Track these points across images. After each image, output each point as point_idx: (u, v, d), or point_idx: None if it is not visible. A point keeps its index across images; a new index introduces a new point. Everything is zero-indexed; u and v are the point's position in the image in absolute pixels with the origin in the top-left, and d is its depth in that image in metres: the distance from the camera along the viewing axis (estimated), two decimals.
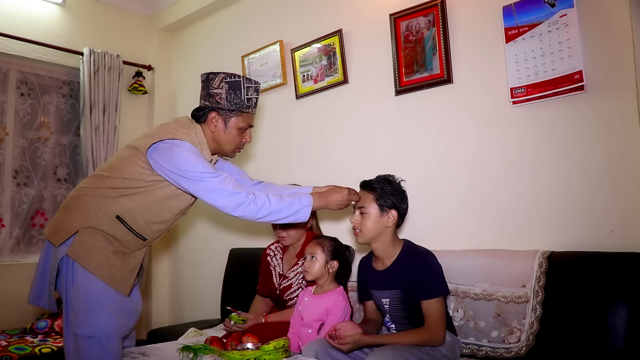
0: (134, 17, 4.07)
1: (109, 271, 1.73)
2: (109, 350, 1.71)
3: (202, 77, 1.90)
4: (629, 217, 1.91)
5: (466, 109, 2.37)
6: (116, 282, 1.75)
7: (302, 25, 3.09)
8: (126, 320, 1.78)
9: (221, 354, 1.75)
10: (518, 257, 2.02)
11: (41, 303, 1.81)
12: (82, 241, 1.72)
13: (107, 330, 1.71)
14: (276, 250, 2.43)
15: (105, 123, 3.63)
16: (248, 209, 1.73)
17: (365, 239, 1.91)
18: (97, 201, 1.75)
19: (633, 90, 1.89)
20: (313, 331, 2.00)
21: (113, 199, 1.75)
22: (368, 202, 1.89)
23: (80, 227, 1.73)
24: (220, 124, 1.85)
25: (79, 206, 1.76)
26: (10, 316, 3.21)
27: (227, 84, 1.83)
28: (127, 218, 1.77)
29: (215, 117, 1.85)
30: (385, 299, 1.92)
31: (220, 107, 1.84)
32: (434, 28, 2.44)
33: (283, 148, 3.21)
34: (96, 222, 1.74)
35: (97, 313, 1.70)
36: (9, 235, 3.43)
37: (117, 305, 1.75)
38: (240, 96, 1.84)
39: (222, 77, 1.84)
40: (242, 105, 1.84)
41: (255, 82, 1.89)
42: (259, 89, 1.91)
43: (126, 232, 1.78)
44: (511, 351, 1.90)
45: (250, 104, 1.87)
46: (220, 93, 1.83)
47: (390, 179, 1.93)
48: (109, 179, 1.76)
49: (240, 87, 1.84)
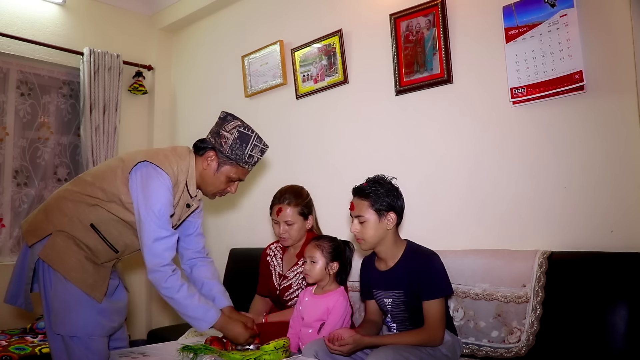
0: (134, 17, 4.07)
1: (81, 275, 1.72)
2: (93, 349, 1.71)
3: (221, 114, 1.87)
4: (629, 217, 1.91)
5: (466, 109, 2.37)
6: (88, 287, 1.73)
7: (302, 25, 3.09)
8: (107, 320, 1.77)
9: (221, 354, 1.75)
10: (518, 257, 2.02)
11: (17, 302, 1.81)
12: (55, 243, 1.71)
13: (88, 330, 1.71)
14: (276, 250, 2.43)
15: (105, 123, 3.63)
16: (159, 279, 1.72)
17: (369, 245, 1.90)
18: (74, 206, 1.74)
19: (633, 90, 1.89)
20: (313, 331, 1.99)
21: (89, 207, 1.74)
22: (364, 210, 1.86)
23: (54, 229, 1.73)
24: (214, 165, 1.83)
25: (57, 209, 1.76)
26: (11, 316, 3.21)
27: (238, 132, 1.81)
28: (101, 227, 1.76)
29: (212, 157, 1.82)
30: (387, 299, 1.91)
31: (222, 150, 1.81)
32: (434, 28, 2.44)
33: (283, 148, 3.21)
34: (70, 228, 1.73)
35: (76, 313, 1.70)
36: (9, 235, 3.43)
37: (94, 306, 1.74)
38: (244, 149, 1.81)
39: (237, 125, 1.82)
40: (241, 159, 1.82)
41: (264, 144, 1.87)
42: (264, 151, 1.89)
43: (99, 242, 1.77)
44: (511, 351, 1.90)
45: (250, 161, 1.85)
46: (227, 138, 1.81)
47: (380, 180, 1.89)
48: (90, 186, 1.76)
49: (249, 142, 1.82)
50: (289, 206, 2.24)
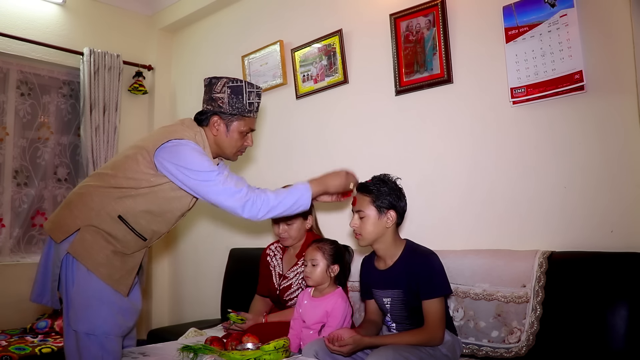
0: (134, 17, 4.07)
1: (109, 270, 1.73)
2: (108, 349, 1.72)
3: (204, 82, 1.91)
4: (629, 217, 1.91)
5: (466, 109, 2.37)
6: (115, 282, 1.75)
7: (302, 25, 3.09)
8: (125, 319, 1.79)
9: (221, 354, 1.75)
10: (518, 257, 2.02)
11: (43, 300, 1.82)
12: (84, 239, 1.72)
13: (106, 328, 1.71)
14: (276, 251, 2.43)
15: (105, 123, 3.63)
16: (252, 208, 1.75)
17: (366, 241, 1.91)
18: (100, 200, 1.75)
19: (633, 90, 1.89)
20: (314, 332, 2.00)
21: (116, 199, 1.75)
22: (365, 205, 1.88)
23: (82, 224, 1.73)
24: (222, 127, 1.87)
25: (82, 204, 1.76)
26: (11, 316, 3.21)
27: (229, 88, 1.85)
28: (129, 218, 1.77)
29: (218, 121, 1.86)
30: (386, 298, 1.92)
31: (223, 111, 1.85)
32: (434, 28, 2.44)
33: (283, 148, 3.21)
34: (98, 221, 1.74)
35: (96, 311, 1.71)
36: (9, 235, 3.43)
37: (116, 304, 1.75)
38: (242, 100, 1.86)
39: (225, 82, 1.86)
40: (243, 110, 1.86)
41: (257, 87, 1.91)
42: (260, 94, 1.93)
43: (127, 232, 1.78)
44: (511, 351, 1.90)
45: (252, 109, 1.89)
46: (222, 97, 1.85)
47: (385, 179, 1.92)
48: (113, 177, 1.77)
49: (243, 92, 1.86)
50: None
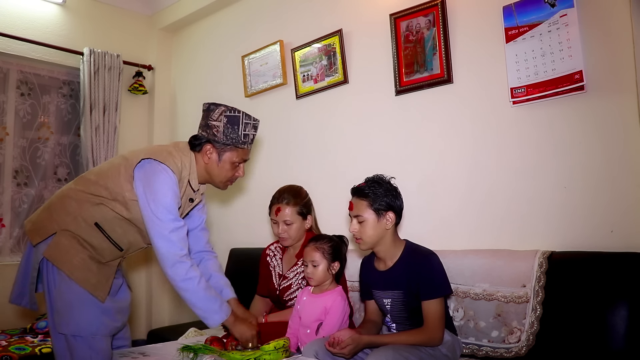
0: (134, 17, 4.07)
1: (85, 274, 1.72)
2: (96, 349, 1.71)
3: (203, 107, 1.89)
4: (629, 217, 1.91)
5: (466, 109, 2.37)
6: (92, 286, 1.73)
7: (302, 25, 3.09)
8: (111, 320, 1.78)
9: (221, 354, 1.75)
10: (518, 257, 2.02)
11: (22, 302, 1.81)
12: (59, 243, 1.72)
13: (92, 329, 1.71)
14: (276, 251, 2.43)
15: (105, 123, 3.63)
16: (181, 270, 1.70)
17: (367, 245, 1.90)
18: (78, 205, 1.75)
19: (633, 90, 1.89)
20: (311, 331, 1.99)
21: (93, 205, 1.74)
22: (363, 209, 1.87)
23: (58, 228, 1.73)
24: (214, 156, 1.84)
25: (60, 208, 1.76)
26: (11, 316, 3.21)
27: (226, 117, 1.82)
28: (105, 226, 1.76)
29: (210, 149, 1.84)
30: (387, 299, 1.91)
31: (217, 140, 1.82)
32: (434, 28, 2.44)
33: (283, 148, 3.21)
34: (74, 227, 1.73)
35: (79, 312, 1.71)
36: (9, 235, 3.43)
37: (99, 305, 1.74)
38: (237, 131, 1.82)
39: (223, 110, 1.83)
40: (237, 141, 1.83)
41: (254, 120, 1.88)
42: (257, 127, 1.90)
43: (103, 240, 1.77)
44: (511, 351, 1.90)
45: (247, 140, 1.86)
46: (218, 126, 1.82)
47: (379, 180, 1.90)
48: (94, 184, 1.76)
49: (239, 123, 1.83)
50: (288, 206, 2.24)
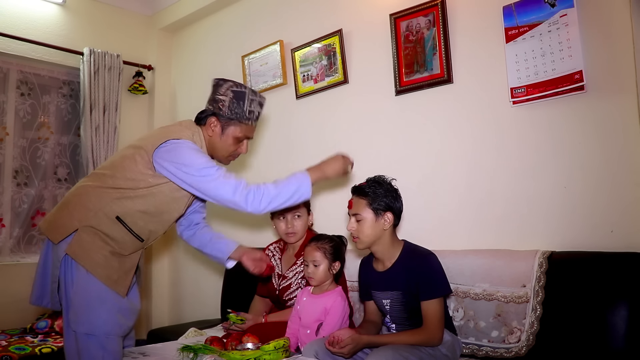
0: (134, 17, 4.07)
1: (107, 271, 1.73)
2: (108, 349, 1.72)
3: (212, 82, 1.92)
4: (629, 217, 1.91)
5: (466, 109, 2.37)
6: (113, 282, 1.74)
7: (302, 25, 3.09)
8: (125, 319, 1.79)
9: (221, 354, 1.75)
10: (518, 257, 2.02)
11: (43, 303, 1.82)
12: (81, 240, 1.72)
13: (107, 329, 1.71)
14: (275, 251, 2.43)
15: (105, 123, 3.63)
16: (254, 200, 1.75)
17: (364, 244, 1.91)
18: (98, 200, 1.75)
19: (633, 90, 1.89)
20: (311, 332, 1.99)
21: (114, 200, 1.75)
22: (362, 208, 1.88)
23: (79, 225, 1.73)
24: (218, 129, 1.88)
25: (79, 204, 1.76)
26: (11, 316, 3.20)
27: (232, 92, 1.86)
28: (127, 219, 1.77)
29: (214, 122, 1.87)
30: (386, 299, 1.92)
31: (221, 113, 1.86)
32: (434, 28, 2.44)
33: (283, 148, 3.21)
34: (96, 222, 1.73)
35: (96, 311, 1.71)
36: (9, 235, 3.43)
37: (116, 304, 1.75)
38: (242, 106, 1.86)
39: (230, 86, 1.87)
40: (242, 116, 1.87)
41: (260, 96, 1.91)
42: (263, 104, 1.93)
43: (125, 233, 1.78)
44: (511, 351, 1.90)
45: (251, 117, 1.89)
46: (224, 100, 1.85)
47: (380, 181, 1.91)
48: (111, 178, 1.77)
49: (245, 98, 1.87)
50: None
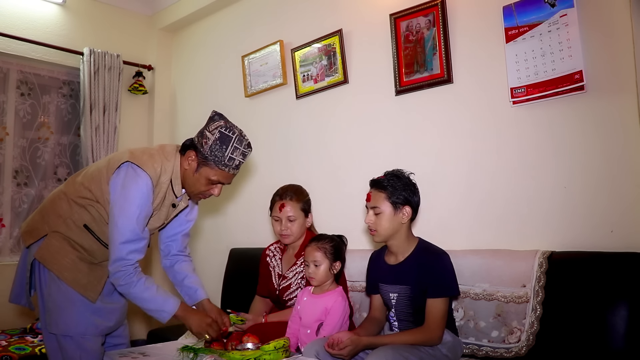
0: (134, 17, 4.07)
1: (74, 275, 1.74)
2: (86, 349, 1.73)
3: (210, 114, 1.82)
4: (629, 217, 1.91)
5: (466, 109, 2.37)
6: (82, 287, 1.75)
7: (302, 25, 3.09)
8: (102, 320, 1.79)
9: (221, 354, 1.75)
10: (518, 257, 2.02)
11: (21, 302, 1.85)
12: (49, 244, 1.75)
13: (81, 329, 1.73)
14: (275, 251, 2.43)
15: (105, 123, 3.63)
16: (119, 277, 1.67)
17: (381, 237, 1.91)
18: (67, 208, 1.77)
19: (633, 90, 1.89)
20: (312, 332, 1.99)
21: (81, 208, 1.76)
22: (380, 201, 1.88)
23: (49, 230, 1.76)
24: (193, 165, 1.76)
25: (52, 211, 1.79)
26: (11, 316, 3.21)
27: (219, 133, 1.73)
28: (94, 227, 1.77)
29: (193, 157, 1.76)
30: (393, 293, 1.91)
31: (202, 150, 1.74)
32: (434, 28, 2.44)
33: (283, 148, 3.21)
34: (64, 229, 1.76)
35: (69, 312, 1.72)
36: (9, 235, 3.43)
37: (89, 305, 1.76)
38: (223, 151, 1.73)
39: (220, 125, 1.75)
40: (219, 161, 1.73)
41: (246, 147, 1.78)
42: (247, 155, 1.79)
43: (93, 242, 1.79)
44: (511, 351, 1.90)
45: (230, 164, 1.75)
46: (208, 138, 1.74)
47: (399, 174, 1.92)
48: (80, 186, 1.77)
49: (229, 144, 1.73)
50: (292, 202, 2.25)
